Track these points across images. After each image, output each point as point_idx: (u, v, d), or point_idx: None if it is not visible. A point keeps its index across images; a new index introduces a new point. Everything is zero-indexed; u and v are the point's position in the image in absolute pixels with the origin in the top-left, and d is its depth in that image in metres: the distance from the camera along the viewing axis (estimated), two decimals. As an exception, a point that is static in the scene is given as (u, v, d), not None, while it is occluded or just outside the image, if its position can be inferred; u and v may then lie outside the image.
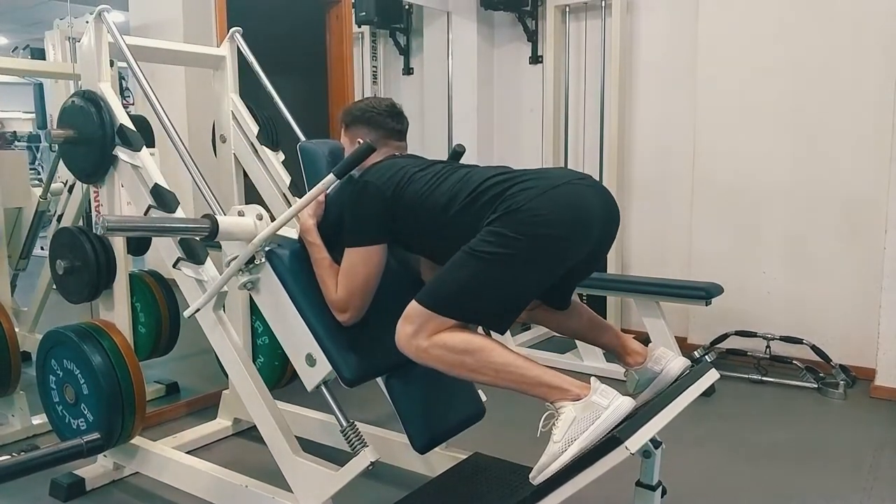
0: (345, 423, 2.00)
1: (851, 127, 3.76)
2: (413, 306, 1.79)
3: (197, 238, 2.17)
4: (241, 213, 2.06)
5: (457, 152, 2.37)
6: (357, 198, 1.95)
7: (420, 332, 1.76)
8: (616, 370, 3.07)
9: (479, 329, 1.89)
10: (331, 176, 1.90)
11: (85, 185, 3.06)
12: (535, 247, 1.71)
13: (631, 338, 2.07)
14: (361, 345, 2.02)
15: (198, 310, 2.18)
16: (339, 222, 1.99)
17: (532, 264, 1.73)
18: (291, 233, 2.16)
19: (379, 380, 2.18)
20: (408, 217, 1.91)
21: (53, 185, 3.70)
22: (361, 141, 2.00)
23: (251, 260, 2.04)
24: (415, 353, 1.78)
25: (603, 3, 4.50)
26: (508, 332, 4.05)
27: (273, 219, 2.06)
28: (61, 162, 3.23)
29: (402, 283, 2.07)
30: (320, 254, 2.01)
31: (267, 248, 2.06)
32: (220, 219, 2.01)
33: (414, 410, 2.10)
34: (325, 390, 2.04)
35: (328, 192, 1.99)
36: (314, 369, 2.03)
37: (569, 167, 4.74)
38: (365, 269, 1.94)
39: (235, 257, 2.04)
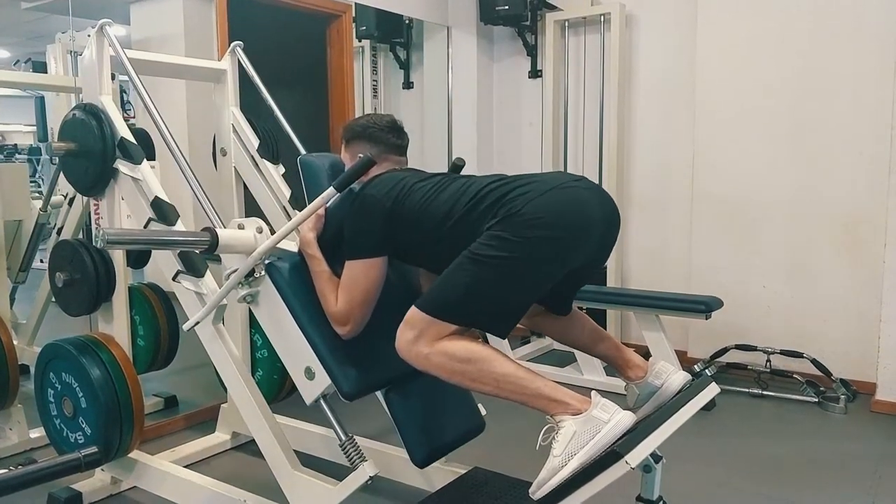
0: (344, 438, 2.00)
1: (850, 141, 3.77)
2: (413, 312, 1.78)
3: (197, 251, 2.16)
4: (240, 227, 2.06)
5: (457, 165, 2.37)
6: (357, 210, 1.96)
7: (421, 338, 1.76)
8: (616, 384, 3.06)
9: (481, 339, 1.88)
10: (331, 189, 1.91)
11: (85, 198, 3.06)
12: (534, 249, 1.71)
13: (632, 351, 2.07)
14: (361, 358, 2.01)
15: (197, 323, 2.17)
16: (338, 235, 1.99)
17: (532, 267, 1.73)
18: (292, 246, 2.16)
19: (378, 393, 2.17)
20: (408, 228, 1.92)
21: (53, 198, 3.70)
22: (362, 156, 2.01)
23: (251, 273, 2.04)
24: (416, 360, 1.77)
25: (602, 18, 4.53)
26: (508, 344, 4.06)
27: (273, 232, 2.06)
28: (62, 175, 3.24)
29: (402, 297, 2.05)
30: (320, 266, 2.01)
31: (267, 262, 2.05)
32: (220, 232, 2.01)
33: (413, 424, 2.09)
34: (323, 404, 2.04)
35: (328, 205, 1.99)
36: (313, 383, 2.03)
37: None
38: (365, 282, 1.94)
39: (235, 270, 2.04)
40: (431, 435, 2.13)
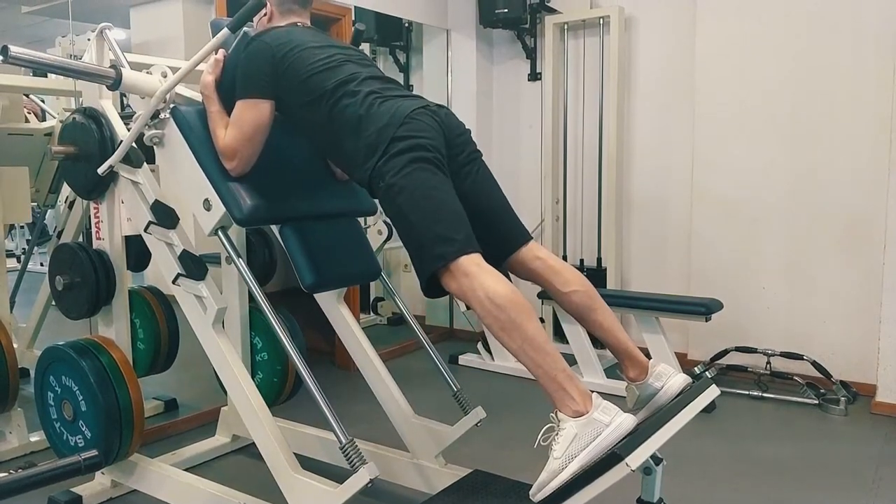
0: (344, 440, 1.99)
1: (850, 141, 3.78)
2: (424, 285, 1.87)
3: (104, 85, 2.25)
4: (148, 72, 2.23)
5: (358, 31, 2.48)
6: (248, 53, 2.09)
7: (458, 283, 1.79)
8: (616, 386, 3.07)
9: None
10: (225, 30, 2.07)
11: (85, 202, 3.06)
12: (420, 161, 1.88)
13: (637, 348, 2.04)
14: (255, 192, 2.15)
15: (111, 166, 2.34)
16: (234, 81, 2.12)
17: (431, 173, 1.88)
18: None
19: (274, 228, 2.29)
20: (290, 85, 2.05)
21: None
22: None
23: (157, 115, 2.20)
24: (466, 294, 1.79)
25: (601, 20, 4.54)
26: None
27: None
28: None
29: (302, 148, 2.27)
30: (215, 107, 2.15)
31: (171, 106, 2.20)
32: (125, 71, 2.19)
33: (304, 252, 2.19)
34: (319, 399, 2.02)
35: (228, 53, 2.16)
36: (210, 213, 2.17)
37: (567, 181, 4.76)
38: (252, 120, 2.06)
39: (142, 113, 2.19)
40: (323, 265, 2.23)
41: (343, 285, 2.39)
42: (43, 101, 4.07)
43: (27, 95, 3.85)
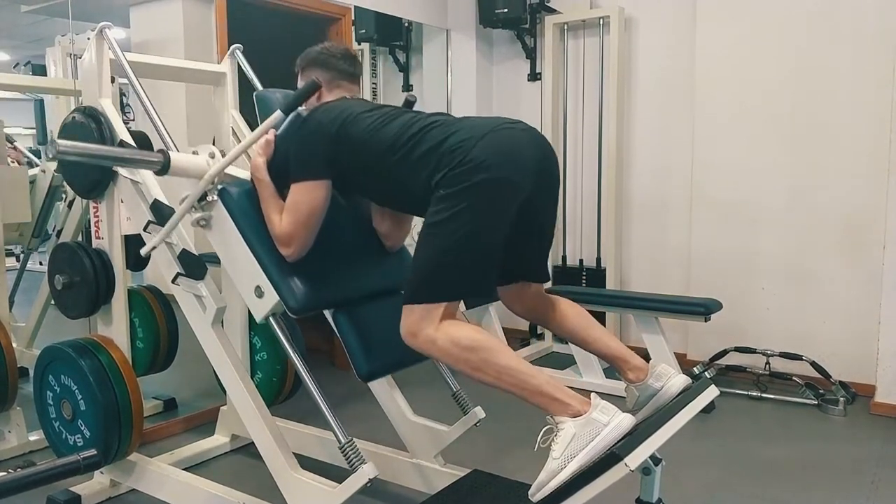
0: (343, 440, 1.99)
1: (849, 142, 3.78)
2: (405, 309, 1.82)
3: (152, 171, 2.20)
4: (195, 153, 2.14)
5: (408, 101, 2.41)
6: (303, 134, 2.02)
7: (423, 327, 1.78)
8: (615, 386, 3.07)
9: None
10: (278, 112, 1.98)
11: (84, 201, 3.06)
12: (481, 192, 1.75)
13: (633, 352, 2.06)
14: (307, 278, 2.08)
15: (154, 248, 2.25)
16: (287, 162, 2.04)
17: (485, 209, 1.77)
18: (247, 176, 2.22)
19: (327, 314, 2.21)
20: (351, 156, 1.96)
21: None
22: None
23: (204, 197, 2.12)
24: (424, 346, 1.80)
25: (601, 20, 4.54)
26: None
27: None
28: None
29: (351, 223, 2.21)
30: (268, 190, 2.07)
31: (220, 187, 2.12)
32: (173, 154, 2.08)
33: (358, 339, 2.12)
34: (319, 399, 2.03)
35: (278, 132, 2.07)
36: (262, 300, 2.09)
37: (567, 182, 4.76)
38: (309, 204, 1.99)
39: (189, 195, 2.11)
40: (377, 352, 2.16)
41: (396, 370, 2.31)
42: (29, 150, 4.03)
43: (11, 143, 3.77)
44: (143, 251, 2.30)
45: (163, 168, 2.07)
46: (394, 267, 2.33)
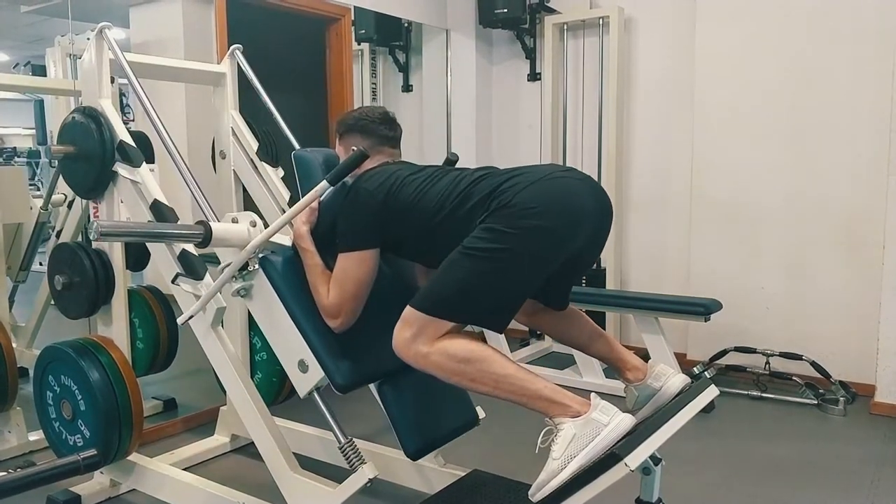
0: (343, 440, 1.99)
1: (849, 142, 3.78)
2: (410, 311, 1.79)
3: (191, 244, 2.16)
4: (234, 220, 2.08)
5: (450, 160, 2.39)
6: (350, 203, 1.97)
7: (419, 337, 1.76)
8: (615, 386, 3.06)
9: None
10: (324, 182, 1.92)
11: (84, 201, 3.06)
12: (527, 239, 1.71)
13: (631, 353, 2.07)
14: (353, 351, 2.03)
15: (191, 316, 2.17)
16: (332, 229, 2.00)
17: (525, 257, 1.73)
18: (286, 241, 2.17)
19: (372, 387, 2.17)
20: (400, 221, 1.93)
21: (54, 197, 3.69)
22: (356, 149, 2.02)
23: (244, 266, 2.05)
24: (414, 359, 1.78)
25: (601, 21, 4.53)
26: (507, 346, 4.06)
27: (267, 227, 2.07)
28: (61, 176, 3.24)
29: (396, 291, 2.08)
30: (313, 260, 2.02)
31: (261, 255, 2.07)
32: (214, 225, 2.02)
33: (406, 417, 2.10)
34: (317, 397, 2.03)
35: (321, 199, 2.00)
36: (306, 375, 2.04)
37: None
38: (357, 274, 1.94)
39: (229, 264, 2.05)
40: (424, 428, 2.14)
41: (442, 444, 2.27)
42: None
43: None
44: (179, 321, 2.23)
45: (204, 241, 1.99)
46: None
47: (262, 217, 2.18)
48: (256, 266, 2.07)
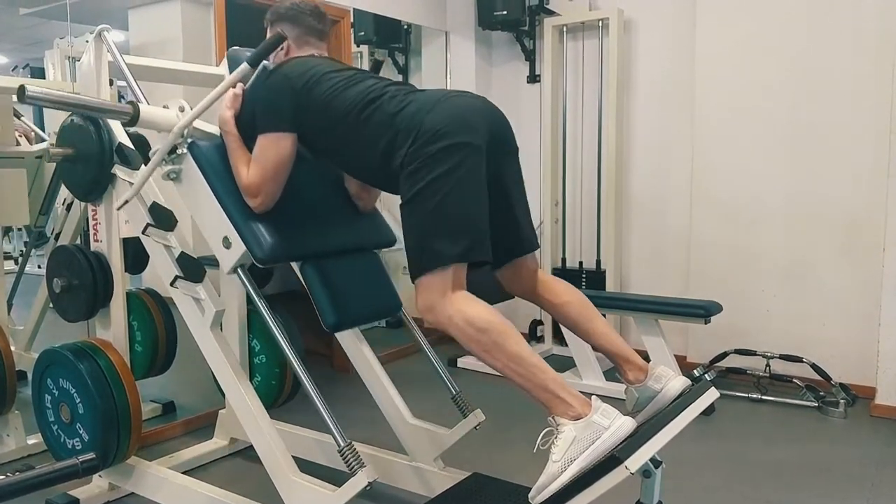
0: (342, 443, 1.98)
1: (849, 143, 3.78)
2: (416, 287, 1.83)
3: (121, 123, 2.26)
4: (165, 107, 2.18)
5: (377, 62, 2.43)
6: (269, 86, 2.06)
7: (434, 300, 1.79)
8: (615, 389, 3.06)
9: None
10: (244, 64, 2.02)
11: (83, 204, 3.05)
12: (445, 159, 1.80)
13: (633, 351, 2.05)
14: (275, 230, 2.10)
15: (126, 202, 2.26)
16: (254, 114, 2.07)
17: (456, 172, 1.80)
18: (216, 131, 2.24)
19: (294, 266, 2.23)
20: (314, 115, 2.01)
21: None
22: (280, 31, 2.10)
23: (174, 150, 2.14)
24: (441, 323, 1.80)
25: (600, 22, 4.53)
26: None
27: None
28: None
29: (323, 182, 2.25)
30: (236, 143, 2.10)
31: (189, 141, 2.15)
32: (143, 106, 2.13)
33: (325, 290, 2.14)
34: (318, 402, 2.02)
35: (246, 87, 2.11)
36: (230, 251, 2.11)
37: (567, 184, 4.76)
38: (275, 156, 2.01)
39: (159, 148, 2.14)
40: (344, 304, 2.18)
41: (364, 323, 2.34)
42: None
43: (19, 118, 3.80)
44: (115, 206, 2.34)
45: (132, 119, 2.12)
46: (364, 226, 2.38)
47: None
48: (185, 150, 2.14)
